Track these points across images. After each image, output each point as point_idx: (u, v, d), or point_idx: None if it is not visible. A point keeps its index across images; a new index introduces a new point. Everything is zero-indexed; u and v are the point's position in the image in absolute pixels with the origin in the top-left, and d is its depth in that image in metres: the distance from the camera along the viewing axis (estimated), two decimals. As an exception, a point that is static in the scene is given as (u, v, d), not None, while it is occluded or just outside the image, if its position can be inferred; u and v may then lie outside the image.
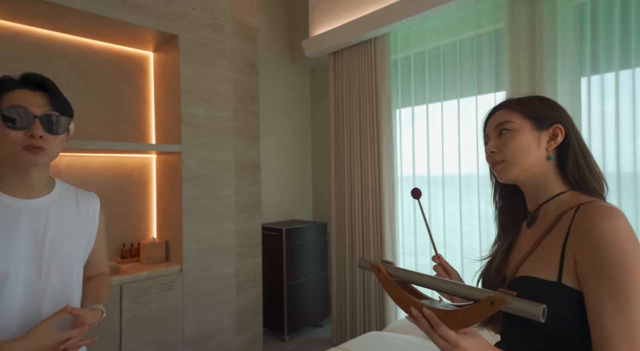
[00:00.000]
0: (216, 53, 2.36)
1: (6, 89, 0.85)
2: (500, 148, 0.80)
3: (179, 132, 2.21)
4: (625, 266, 0.62)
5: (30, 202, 0.89)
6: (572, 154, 0.77)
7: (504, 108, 0.83)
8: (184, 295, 2.17)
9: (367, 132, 2.55)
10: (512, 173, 0.79)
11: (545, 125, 0.78)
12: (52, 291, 0.90)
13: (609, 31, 1.65)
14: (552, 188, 0.79)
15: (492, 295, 0.59)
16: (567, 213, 0.74)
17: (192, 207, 2.23)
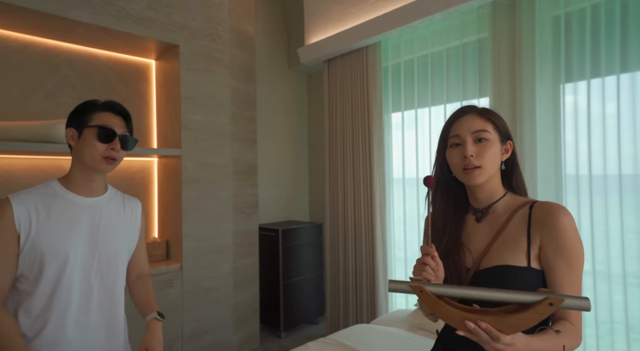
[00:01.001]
0: (215, 61, 2.48)
1: (95, 110, 1.09)
2: (479, 154, 0.87)
3: (179, 136, 2.32)
4: (576, 249, 0.82)
5: (89, 199, 1.10)
6: (517, 165, 0.94)
7: (478, 116, 0.89)
8: (184, 292, 2.27)
9: (360, 135, 2.65)
10: (484, 179, 0.88)
11: (505, 139, 0.92)
12: (100, 273, 1.08)
13: (581, 41, 1.75)
14: (499, 190, 0.93)
15: (550, 297, 0.66)
16: (522, 210, 0.88)
17: (192, 208, 2.34)
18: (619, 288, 1.63)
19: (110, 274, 1.11)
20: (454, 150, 0.90)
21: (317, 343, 1.59)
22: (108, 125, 1.07)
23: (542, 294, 0.67)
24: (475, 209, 0.95)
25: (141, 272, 1.26)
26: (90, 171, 1.08)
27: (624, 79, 1.64)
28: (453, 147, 0.91)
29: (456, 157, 0.89)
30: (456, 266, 0.91)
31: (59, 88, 2.17)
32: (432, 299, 0.70)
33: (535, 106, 1.89)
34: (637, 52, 1.61)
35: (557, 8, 1.82)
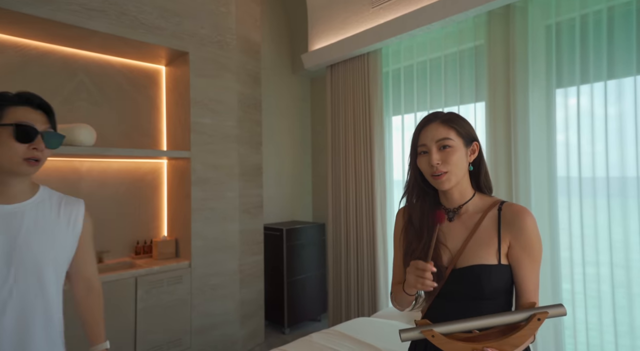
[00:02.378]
0: (222, 67, 2.59)
1: (7, 104, 0.92)
2: (444, 161, 0.95)
3: (188, 139, 2.43)
4: (538, 247, 0.94)
5: (5, 207, 0.94)
6: (483, 165, 1.03)
7: (441, 124, 0.97)
8: (192, 288, 2.38)
9: (361, 138, 2.75)
10: (452, 183, 0.97)
11: (469, 142, 1.00)
12: (18, 292, 0.92)
13: (571, 49, 1.84)
14: (468, 191, 1.02)
15: (537, 314, 0.78)
16: (492, 211, 0.98)
17: (200, 208, 2.45)
18: (608, 287, 1.71)
19: (34, 293, 0.94)
20: (422, 158, 0.98)
21: (320, 334, 1.69)
22: (26, 122, 0.92)
23: (529, 311, 0.79)
24: (447, 209, 1.03)
25: (89, 285, 1.10)
26: (7, 175, 0.93)
27: (611, 85, 1.73)
28: (421, 155, 0.99)
29: (424, 164, 0.98)
30: (435, 264, 0.97)
31: (75, 94, 2.28)
32: (443, 340, 0.78)
33: (528, 110, 1.98)
34: (623, 59, 1.69)
35: (549, 17, 1.91)
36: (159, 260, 2.39)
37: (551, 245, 1.90)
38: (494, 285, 0.92)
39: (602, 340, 1.72)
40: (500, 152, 2.09)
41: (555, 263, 1.89)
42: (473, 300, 0.94)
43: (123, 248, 2.44)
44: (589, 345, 1.76)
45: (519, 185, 2.00)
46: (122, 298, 2.07)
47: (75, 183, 2.27)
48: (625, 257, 1.67)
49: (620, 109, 1.70)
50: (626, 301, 1.66)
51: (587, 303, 1.77)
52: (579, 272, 1.79)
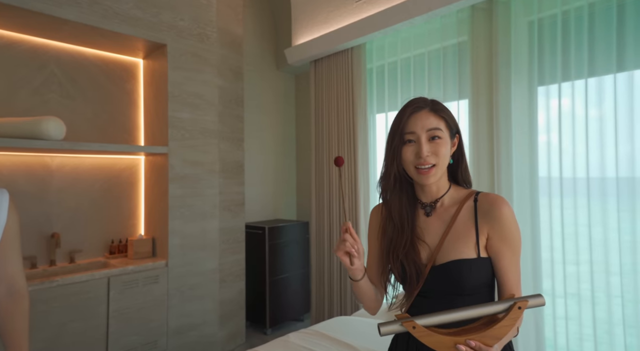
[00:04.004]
0: (202, 60, 2.52)
1: None
2: (433, 152, 0.90)
3: (166, 134, 2.36)
4: (517, 236, 0.91)
5: None
6: (463, 159, 0.99)
7: (432, 113, 0.91)
8: (169, 289, 2.30)
9: (345, 135, 2.71)
10: (437, 177, 0.92)
11: (454, 134, 0.96)
12: None
13: (553, 46, 1.83)
14: (445, 184, 0.98)
15: (518, 302, 0.76)
16: (468, 203, 0.94)
17: (178, 205, 2.37)
18: (587, 284, 1.70)
19: None
20: (408, 147, 0.91)
21: (298, 334, 1.64)
22: None
23: (510, 300, 0.77)
24: (424, 204, 0.98)
25: (11, 288, 0.97)
26: None
27: (592, 83, 1.72)
28: (408, 144, 0.91)
29: (410, 154, 0.91)
30: (414, 262, 0.93)
31: (46, 86, 2.18)
32: (425, 332, 0.75)
33: (511, 109, 1.96)
34: (603, 57, 1.69)
35: (531, 13, 1.90)
36: (135, 259, 2.31)
37: (532, 243, 1.89)
38: (475, 279, 0.89)
39: (581, 333, 1.73)
40: (483, 151, 2.07)
41: (536, 261, 1.88)
42: (455, 296, 0.91)
43: (97, 248, 2.35)
44: (569, 339, 1.76)
45: (501, 184, 1.98)
46: (93, 300, 1.99)
47: (45, 179, 2.18)
48: (604, 255, 1.66)
49: (601, 109, 1.70)
50: (605, 297, 1.66)
51: (567, 300, 1.77)
52: (559, 270, 1.79)
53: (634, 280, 1.59)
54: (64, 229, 2.22)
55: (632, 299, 1.58)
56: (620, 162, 1.62)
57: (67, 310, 1.90)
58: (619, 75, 1.64)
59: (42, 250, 2.14)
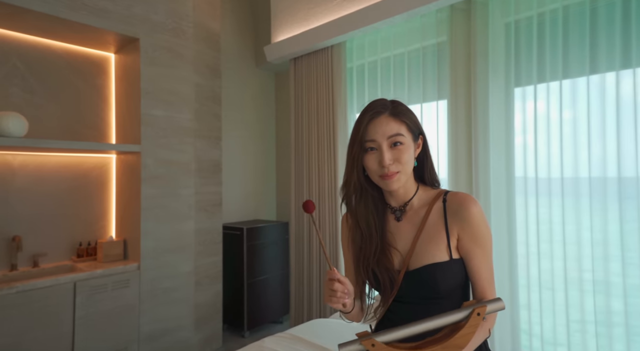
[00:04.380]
0: (177, 56, 2.43)
1: None
2: (396, 159, 0.86)
3: (138, 132, 2.26)
4: (487, 235, 0.89)
5: None
6: (428, 160, 0.96)
7: (392, 118, 0.87)
8: (141, 293, 2.21)
9: (324, 135, 2.68)
10: (402, 182, 0.89)
11: (417, 136, 0.92)
12: None
13: (529, 48, 1.85)
14: (413, 186, 0.95)
15: (477, 308, 0.74)
16: (437, 204, 0.92)
17: (151, 206, 2.28)
18: (561, 281, 1.73)
19: None
20: (371, 156, 0.88)
21: (273, 338, 1.60)
22: None
23: (468, 307, 0.75)
24: (393, 208, 0.95)
25: None
26: None
27: (566, 85, 1.74)
28: (369, 152, 0.88)
29: (373, 162, 0.87)
30: (387, 269, 0.91)
31: (7, 80, 2.06)
32: (384, 348, 0.73)
33: (488, 110, 1.97)
34: (577, 59, 1.71)
35: (508, 15, 1.91)
36: (105, 262, 2.20)
37: (509, 240, 1.92)
38: (449, 282, 0.87)
39: (554, 323, 1.76)
40: (461, 151, 2.08)
41: (512, 257, 1.91)
42: (430, 300, 0.89)
43: (63, 251, 2.24)
44: (542, 327, 1.79)
45: (479, 184, 1.99)
46: (58, 306, 1.88)
47: (5, 178, 2.05)
48: (577, 252, 1.69)
49: (574, 110, 1.72)
50: (577, 291, 1.69)
51: (541, 294, 1.79)
52: (534, 267, 1.82)
53: (604, 274, 1.62)
54: (27, 232, 2.10)
55: (603, 292, 1.61)
56: (593, 162, 1.65)
57: (29, 317, 1.79)
58: (591, 78, 1.67)
59: (1, 254, 2.01)
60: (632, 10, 1.58)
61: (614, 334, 1.60)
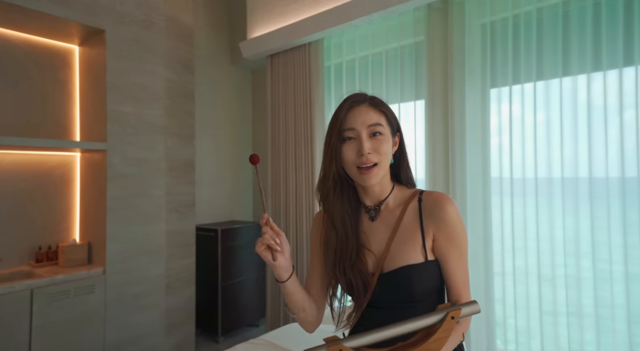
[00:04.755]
0: (147, 50, 2.32)
1: None
2: (375, 150, 0.82)
3: (104, 129, 2.14)
4: (463, 236, 0.86)
5: None
6: (404, 159, 0.93)
7: (371, 108, 0.84)
8: (107, 299, 2.09)
9: (302, 134, 2.63)
10: (379, 178, 0.85)
11: (395, 131, 0.89)
12: None
13: (504, 49, 1.86)
14: (389, 185, 0.91)
15: (451, 312, 0.70)
16: (412, 203, 0.88)
17: (118, 207, 2.17)
18: (534, 277, 1.75)
19: None
20: (349, 145, 0.84)
21: (246, 345, 1.53)
22: None
23: (442, 311, 0.71)
24: (368, 207, 0.91)
25: None
26: None
27: (540, 87, 1.76)
28: (348, 142, 0.84)
29: (351, 152, 0.83)
30: (360, 271, 0.87)
31: (-44, 70, 1.90)
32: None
33: (465, 110, 1.97)
34: (551, 61, 1.73)
35: (484, 16, 1.92)
36: (67, 267, 2.07)
37: (485, 240, 1.93)
38: (424, 285, 0.84)
39: (528, 318, 1.78)
40: (438, 151, 2.07)
41: (488, 257, 1.92)
42: (405, 304, 0.85)
43: (20, 256, 2.09)
44: (517, 319, 1.81)
45: (455, 184, 1.99)
46: (12, 315, 1.75)
47: (-46, 178, 1.89)
48: (550, 249, 1.72)
49: (548, 112, 1.74)
50: (551, 287, 1.72)
51: (515, 290, 1.81)
52: (509, 264, 1.84)
53: (576, 271, 1.65)
54: (-21, 235, 1.94)
55: (574, 286, 1.65)
56: (565, 163, 1.67)
57: (-21, 328, 1.65)
58: (564, 80, 1.69)
59: (-50, 259, 1.85)
60: (602, 15, 1.61)
61: (584, 324, 1.63)
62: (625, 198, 1.52)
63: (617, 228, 1.54)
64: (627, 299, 1.52)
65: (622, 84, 1.56)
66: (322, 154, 0.90)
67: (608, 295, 1.56)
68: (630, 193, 1.51)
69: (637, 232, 1.49)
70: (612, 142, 1.56)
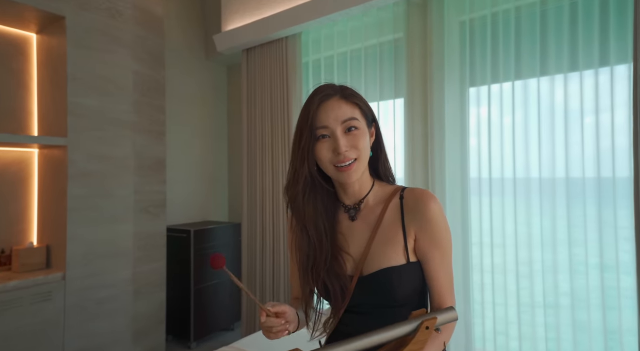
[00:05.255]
0: (113, 40, 2.18)
1: None
2: (352, 146, 0.77)
3: (64, 123, 1.99)
4: (447, 237, 0.82)
5: None
6: (382, 151, 0.88)
7: (344, 101, 0.79)
8: (67, 306, 1.95)
9: (279, 133, 2.54)
10: (361, 172, 0.80)
11: (370, 123, 0.84)
12: None
13: (483, 48, 1.84)
14: (369, 181, 0.86)
15: (425, 321, 0.65)
16: (394, 202, 0.83)
17: (81, 207, 2.02)
18: (513, 271, 1.75)
19: None
20: (323, 144, 0.78)
21: (217, 355, 1.44)
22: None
23: (416, 320, 0.66)
24: (347, 206, 0.86)
25: None
26: None
27: (518, 86, 1.75)
28: (321, 140, 0.78)
29: (327, 151, 0.78)
30: (338, 275, 0.81)
31: None
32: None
33: (444, 109, 1.94)
34: (529, 61, 1.73)
35: (463, 13, 1.89)
36: (22, 272, 1.91)
37: (463, 240, 1.91)
38: (406, 288, 0.79)
39: (507, 314, 1.78)
40: (418, 151, 2.04)
41: (466, 255, 1.91)
42: (386, 308, 0.80)
43: (-32, 260, 1.91)
44: (495, 322, 1.81)
45: (435, 184, 1.97)
46: (-43, 326, 1.59)
47: None
48: (528, 249, 1.72)
49: (526, 111, 1.73)
50: (529, 284, 1.72)
51: (494, 289, 1.80)
52: (487, 263, 1.84)
53: (553, 269, 1.65)
54: None
55: (551, 285, 1.66)
56: (543, 163, 1.67)
57: None
58: (542, 79, 1.69)
59: None
60: (579, 15, 1.62)
61: (561, 322, 1.63)
62: (601, 198, 1.53)
63: (594, 227, 1.55)
64: (602, 289, 1.53)
65: (598, 85, 1.56)
66: (291, 154, 0.83)
67: (583, 286, 1.57)
68: (605, 193, 1.52)
69: (612, 230, 1.51)
70: (588, 143, 1.57)
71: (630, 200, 1.45)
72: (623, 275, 1.48)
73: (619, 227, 1.48)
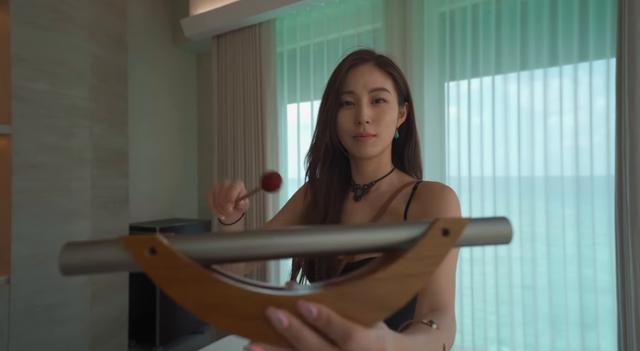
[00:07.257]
0: (66, 18, 1.97)
1: None
2: (375, 119, 0.69)
3: (8, 109, 1.78)
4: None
5: None
6: (413, 134, 0.78)
7: (377, 68, 0.71)
8: (11, 313, 1.75)
9: (252, 126, 2.42)
10: (378, 150, 0.72)
11: (402, 100, 0.75)
12: None
13: (463, 40, 1.80)
14: (387, 165, 0.78)
15: (444, 220, 0.31)
16: (405, 190, 0.74)
17: (27, 203, 1.82)
18: (491, 263, 1.74)
19: None
20: (345, 111, 0.71)
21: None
22: None
23: (424, 222, 0.33)
24: (356, 186, 0.78)
25: None
26: None
27: (498, 80, 1.72)
28: (345, 107, 0.71)
29: (348, 120, 0.71)
30: (327, 259, 0.73)
31: None
32: (184, 266, 0.30)
33: (424, 104, 1.89)
34: (508, 54, 1.70)
35: (443, 4, 1.84)
36: (-43, 277, 1.70)
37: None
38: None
39: (485, 311, 1.78)
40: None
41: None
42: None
43: None
44: (474, 315, 1.80)
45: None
46: None
47: None
48: (506, 246, 1.70)
49: (506, 108, 1.70)
50: (507, 280, 1.71)
51: (472, 280, 1.79)
52: (466, 258, 1.81)
53: (532, 265, 1.65)
54: None
55: (530, 281, 1.65)
56: (522, 161, 1.65)
57: None
58: (522, 74, 1.66)
59: None
60: (559, 9, 1.60)
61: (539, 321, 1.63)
62: (579, 195, 1.52)
63: (571, 224, 1.54)
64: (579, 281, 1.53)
65: (576, 81, 1.55)
66: (317, 118, 0.76)
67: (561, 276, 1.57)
68: (583, 191, 1.52)
69: (589, 227, 1.51)
70: (566, 140, 1.56)
71: (608, 198, 1.45)
72: (600, 272, 1.49)
73: (596, 225, 1.48)
